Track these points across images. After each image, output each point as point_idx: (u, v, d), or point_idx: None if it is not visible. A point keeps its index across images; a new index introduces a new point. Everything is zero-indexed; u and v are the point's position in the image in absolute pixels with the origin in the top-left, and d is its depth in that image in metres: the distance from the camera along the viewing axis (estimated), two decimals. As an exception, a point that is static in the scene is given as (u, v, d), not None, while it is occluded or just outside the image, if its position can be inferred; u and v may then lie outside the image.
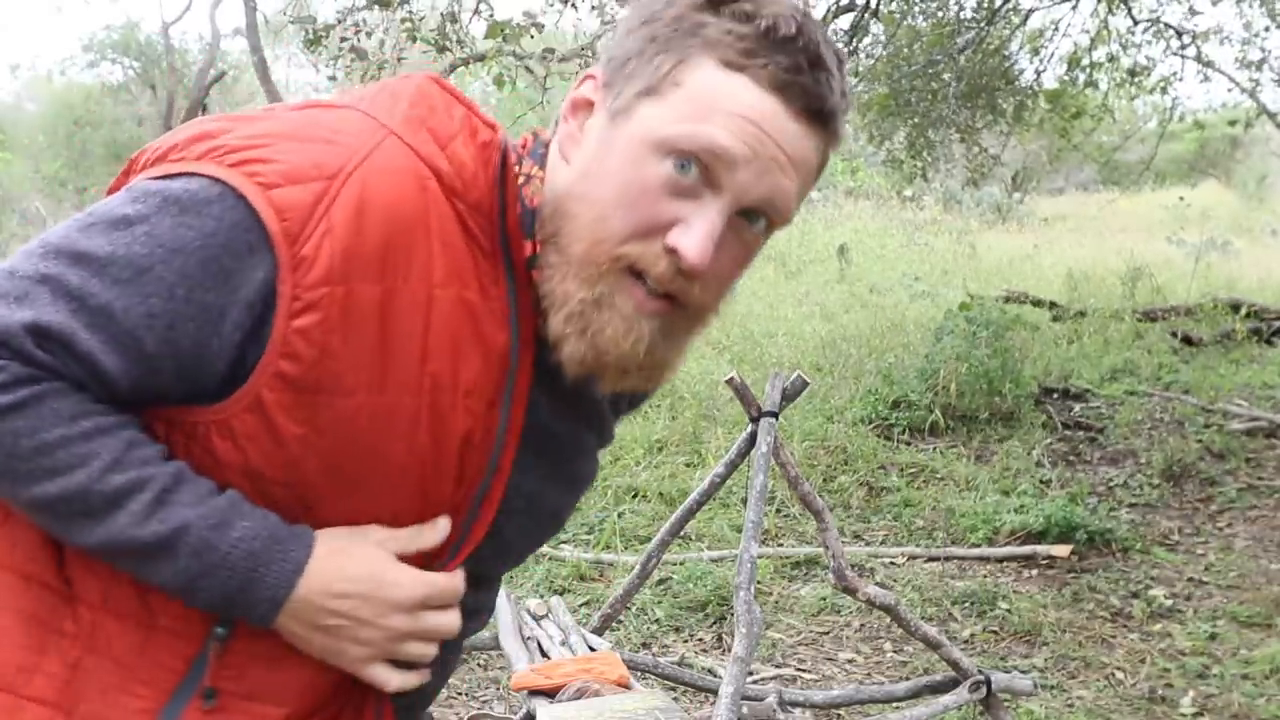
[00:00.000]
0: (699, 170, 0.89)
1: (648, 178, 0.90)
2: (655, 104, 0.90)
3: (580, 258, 0.91)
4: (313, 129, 0.93)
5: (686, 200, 0.90)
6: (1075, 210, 18.94)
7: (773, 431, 2.74)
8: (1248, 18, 8.56)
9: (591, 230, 0.91)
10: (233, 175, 0.90)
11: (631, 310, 0.92)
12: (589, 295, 0.92)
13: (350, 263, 0.89)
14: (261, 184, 0.89)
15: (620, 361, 0.94)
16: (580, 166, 0.93)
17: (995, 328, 6.66)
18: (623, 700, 2.15)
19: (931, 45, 7.51)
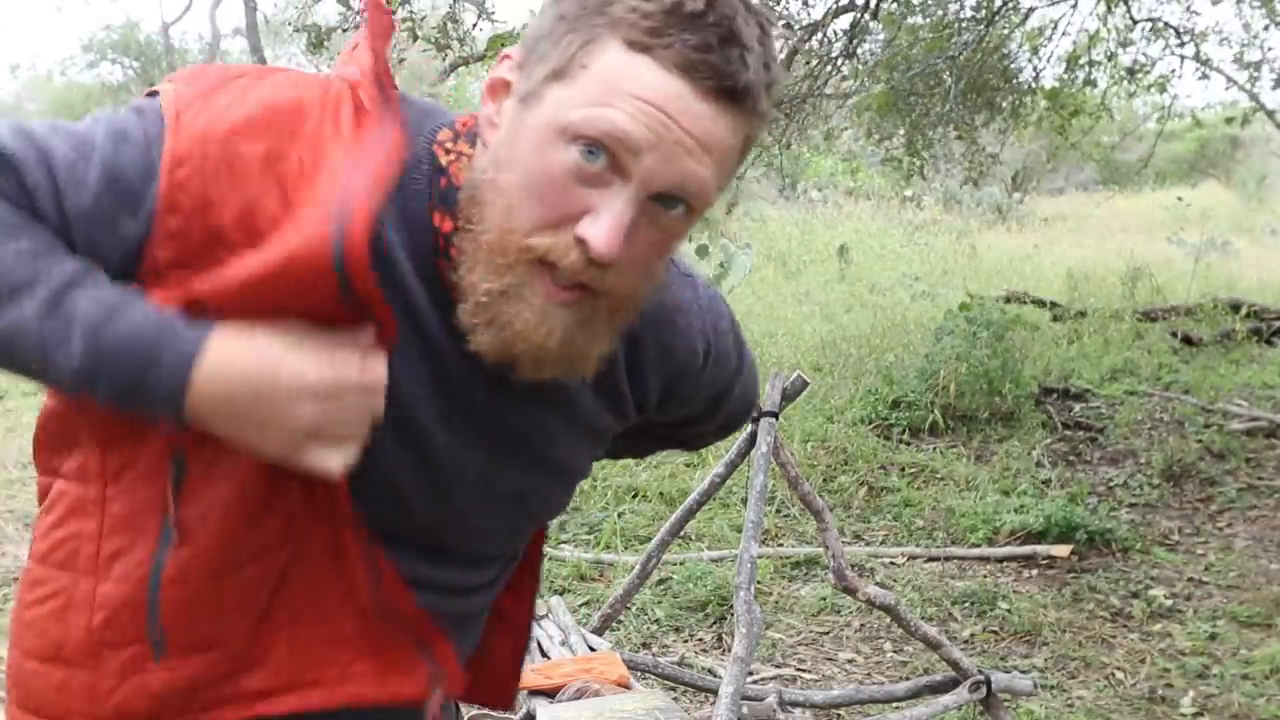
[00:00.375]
0: (606, 157, 0.87)
1: (554, 165, 0.88)
2: (563, 87, 0.88)
3: (489, 247, 0.90)
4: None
5: (595, 189, 0.88)
6: (1075, 210, 18.93)
7: (773, 431, 2.74)
8: (1247, 18, 8.57)
9: (501, 220, 0.90)
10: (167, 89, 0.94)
11: (541, 301, 0.91)
12: (497, 287, 0.91)
13: (236, 124, 0.89)
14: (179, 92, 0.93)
15: (533, 352, 0.92)
16: (493, 152, 0.91)
17: (995, 328, 6.66)
18: (623, 700, 2.15)
19: (931, 47, 7.51)
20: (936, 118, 8.02)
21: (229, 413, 0.90)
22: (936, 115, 7.96)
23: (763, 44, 0.89)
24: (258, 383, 0.89)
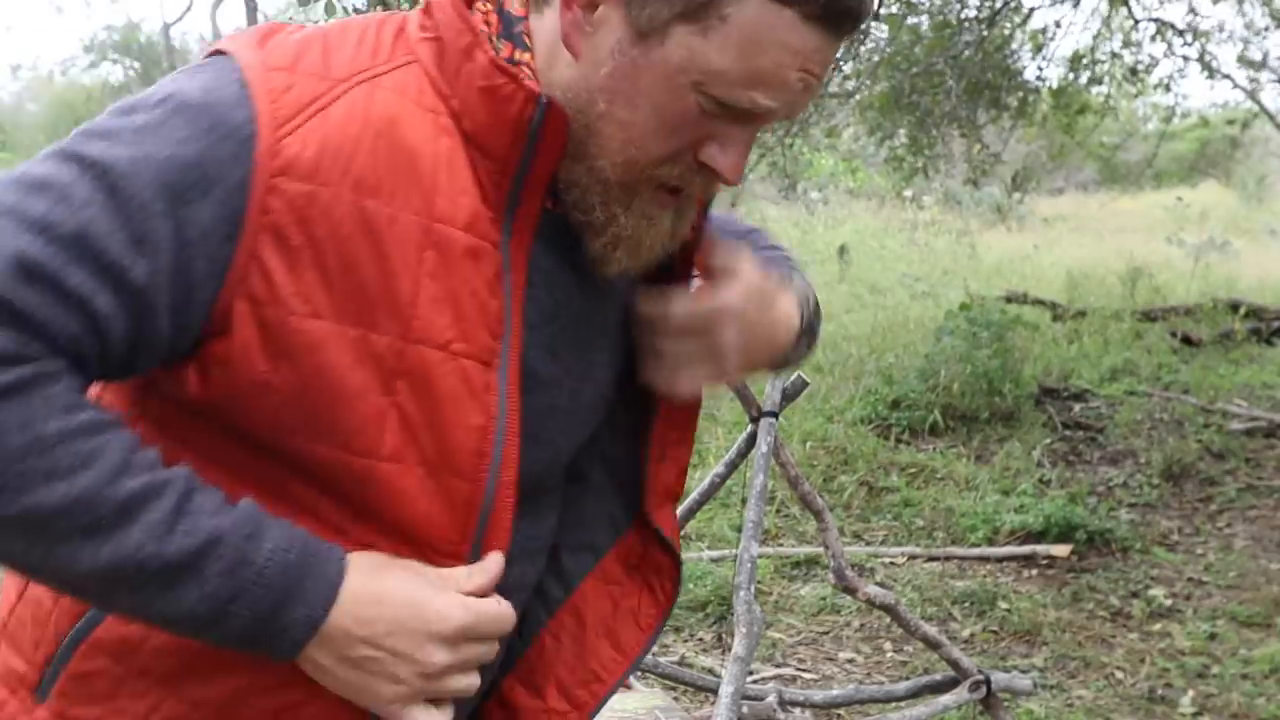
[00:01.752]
0: (739, 109, 0.87)
1: (688, 108, 0.86)
2: (695, 35, 0.84)
3: (617, 181, 0.89)
4: (345, 33, 0.91)
5: (719, 120, 0.88)
6: (1075, 210, 18.94)
7: (773, 431, 2.74)
8: (1249, 17, 8.57)
9: (624, 153, 0.88)
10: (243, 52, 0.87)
11: (667, 218, 0.93)
12: (631, 219, 0.91)
13: (335, 165, 0.83)
14: (266, 64, 0.85)
15: (653, 259, 0.94)
16: (601, 79, 0.87)
17: (995, 328, 6.66)
18: (623, 700, 2.15)
19: (933, 47, 7.51)
20: (940, 116, 8.02)
21: (354, 651, 0.83)
22: (940, 114, 7.97)
23: None
24: (399, 619, 0.84)
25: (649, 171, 0.89)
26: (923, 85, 7.61)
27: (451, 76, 0.88)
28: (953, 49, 7.40)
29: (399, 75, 0.88)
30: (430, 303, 0.85)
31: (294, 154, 0.82)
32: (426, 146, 0.86)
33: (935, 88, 7.65)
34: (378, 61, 0.88)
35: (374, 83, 0.86)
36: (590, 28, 0.87)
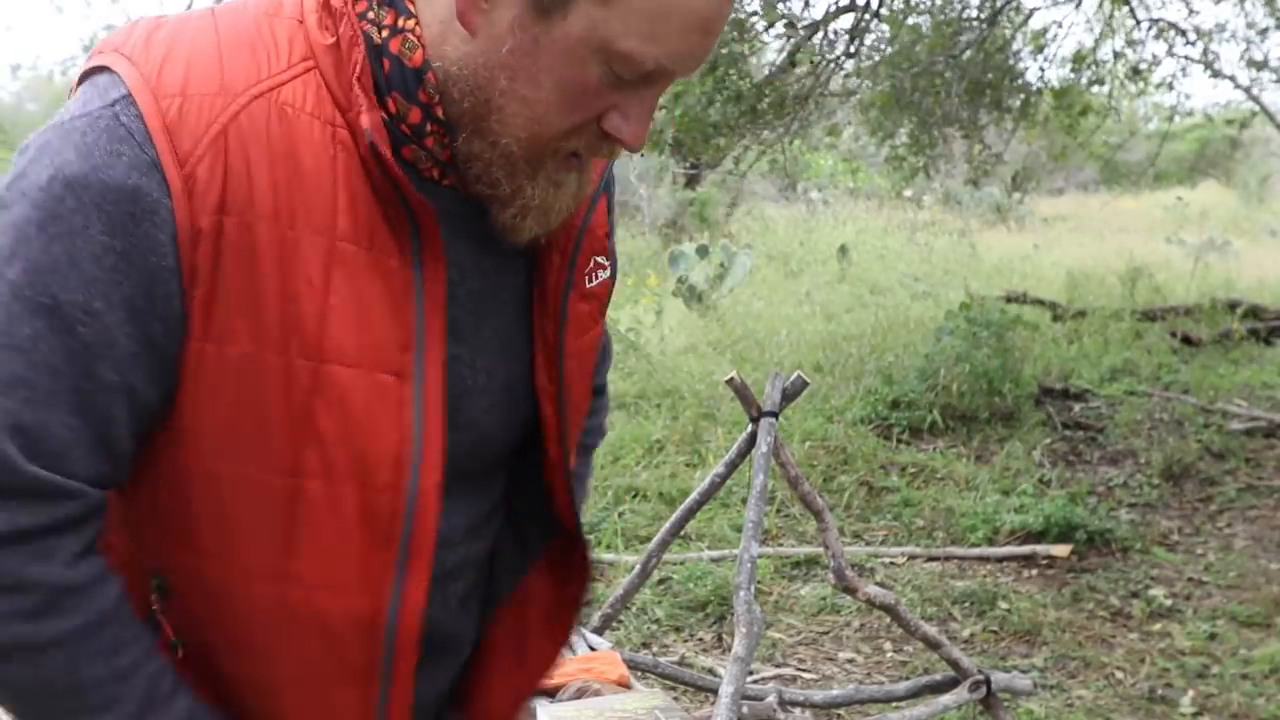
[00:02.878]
0: (639, 76, 0.87)
1: (590, 79, 0.86)
2: (597, 6, 0.83)
3: (521, 154, 0.89)
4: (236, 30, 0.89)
5: (621, 89, 0.88)
6: (1075, 210, 18.94)
7: (773, 431, 2.74)
8: (1251, 17, 8.56)
9: (528, 127, 0.88)
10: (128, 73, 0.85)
11: (573, 180, 0.94)
12: (538, 188, 0.91)
13: (237, 195, 0.84)
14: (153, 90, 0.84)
15: (565, 218, 0.96)
16: (501, 56, 0.86)
17: (995, 328, 6.66)
18: (623, 700, 2.15)
19: (934, 46, 7.51)
20: (942, 116, 8.02)
21: None
22: (942, 114, 7.97)
23: None
24: None
25: (554, 144, 0.90)
26: (924, 85, 7.61)
27: (346, 91, 0.88)
28: (954, 49, 7.40)
29: (297, 86, 0.87)
30: (339, 322, 0.87)
31: (201, 189, 0.83)
32: (325, 165, 0.86)
33: (936, 88, 7.65)
34: (274, 69, 0.87)
35: (270, 97, 0.86)
36: (486, 4, 0.85)
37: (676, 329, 8.61)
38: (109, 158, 0.82)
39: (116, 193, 0.82)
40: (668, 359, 7.45)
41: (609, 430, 5.48)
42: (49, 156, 0.83)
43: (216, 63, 0.86)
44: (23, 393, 0.81)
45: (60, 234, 0.81)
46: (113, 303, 0.82)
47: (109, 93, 0.85)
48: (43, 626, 0.83)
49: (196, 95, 0.85)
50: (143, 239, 0.82)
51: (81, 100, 0.86)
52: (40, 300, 0.81)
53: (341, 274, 0.87)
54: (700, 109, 6.71)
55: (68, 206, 0.81)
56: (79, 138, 0.83)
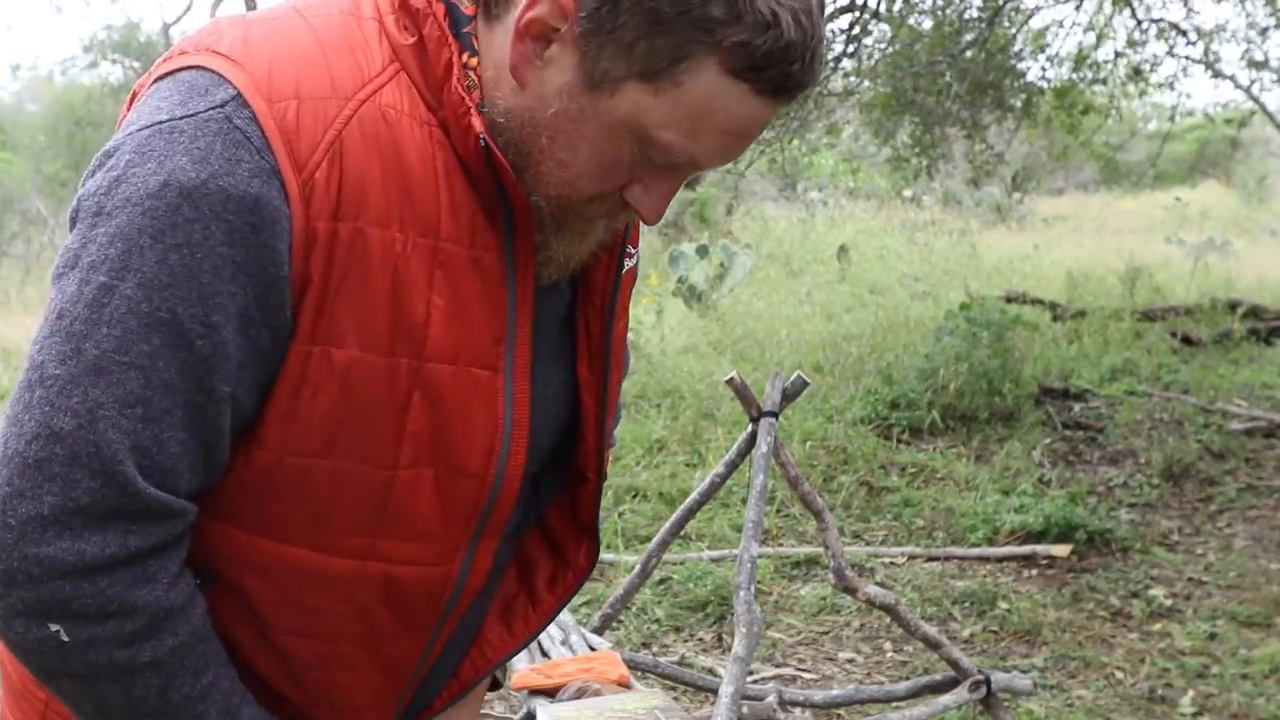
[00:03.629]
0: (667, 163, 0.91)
1: (624, 155, 0.89)
2: (647, 94, 0.85)
3: (549, 211, 0.93)
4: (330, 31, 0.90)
5: (651, 169, 0.91)
6: (1075, 210, 18.94)
7: (773, 431, 2.74)
8: (1252, 17, 8.55)
9: (559, 188, 0.91)
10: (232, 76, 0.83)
11: (597, 230, 0.97)
12: (562, 242, 0.95)
13: (352, 201, 0.85)
14: (265, 93, 0.83)
15: (584, 262, 1.00)
16: (546, 117, 0.88)
17: (995, 328, 6.65)
18: (623, 700, 2.15)
19: (934, 46, 7.51)
20: (943, 116, 8.02)
21: None
22: (943, 113, 7.97)
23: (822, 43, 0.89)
24: None
25: (578, 207, 0.93)
26: (925, 85, 7.61)
27: (436, 91, 0.89)
28: (954, 49, 7.40)
29: (393, 89, 0.88)
30: (441, 322, 0.89)
31: (318, 196, 0.83)
32: (428, 166, 0.88)
33: (937, 88, 7.65)
34: (371, 71, 0.88)
35: (375, 99, 0.87)
36: (540, 63, 0.87)
37: (676, 329, 8.61)
38: (227, 164, 0.81)
39: (238, 202, 0.80)
40: (668, 359, 7.45)
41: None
42: (155, 161, 0.81)
43: (324, 65, 0.86)
44: (140, 410, 0.80)
45: (177, 245, 0.80)
46: (229, 315, 0.82)
47: (213, 93, 0.83)
48: (142, 650, 0.84)
49: (310, 99, 0.84)
50: (262, 249, 0.82)
51: (178, 99, 0.83)
52: (159, 315, 0.80)
53: (443, 274, 0.89)
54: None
55: (185, 216, 0.80)
56: (189, 141, 0.81)
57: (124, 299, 0.79)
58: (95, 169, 0.85)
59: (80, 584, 0.80)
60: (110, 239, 0.80)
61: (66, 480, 0.79)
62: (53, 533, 0.79)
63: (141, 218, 0.80)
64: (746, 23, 0.82)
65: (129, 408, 0.80)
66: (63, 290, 0.81)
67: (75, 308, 0.80)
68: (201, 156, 0.80)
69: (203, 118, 0.81)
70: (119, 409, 0.80)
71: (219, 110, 0.82)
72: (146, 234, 0.79)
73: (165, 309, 0.80)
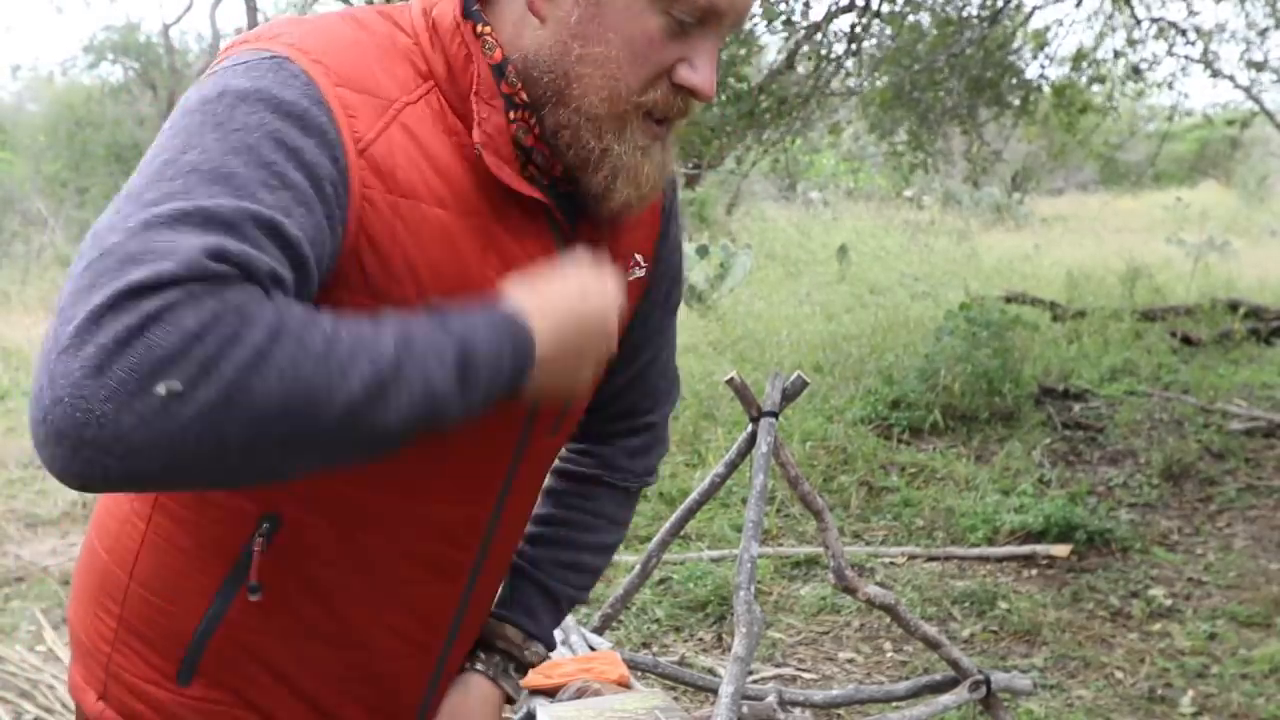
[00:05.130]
0: (698, 18, 0.96)
1: (652, 30, 0.96)
2: None
3: (605, 115, 0.98)
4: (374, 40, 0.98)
5: (685, 40, 0.97)
6: (1075, 210, 18.95)
7: (773, 431, 2.74)
8: (1251, 17, 8.55)
9: (607, 85, 0.96)
10: (294, 54, 0.91)
11: (658, 149, 1.02)
12: (625, 148, 0.99)
13: (403, 184, 0.93)
14: (324, 71, 0.91)
15: (652, 193, 1.04)
16: (571, 27, 0.96)
17: (995, 328, 6.66)
18: (623, 700, 2.15)
19: (934, 45, 7.51)
20: (941, 113, 8.02)
21: (562, 356, 0.95)
22: (941, 111, 7.97)
23: None
24: (578, 319, 0.96)
25: (633, 99, 0.98)
26: (924, 82, 7.61)
27: (464, 101, 0.98)
28: (955, 46, 7.40)
29: (425, 104, 0.97)
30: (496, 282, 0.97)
31: (373, 165, 0.91)
32: (460, 169, 0.97)
33: (936, 85, 7.65)
34: (412, 84, 0.97)
35: (412, 110, 0.96)
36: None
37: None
38: (279, 84, 0.87)
39: (289, 106, 0.87)
40: (668, 359, 7.44)
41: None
42: (211, 82, 0.87)
43: (379, 66, 0.96)
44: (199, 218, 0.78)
45: (235, 129, 0.84)
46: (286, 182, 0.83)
47: (264, 55, 0.90)
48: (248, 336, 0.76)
49: (361, 94, 0.93)
50: (312, 147, 0.86)
51: (235, 64, 0.89)
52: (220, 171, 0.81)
53: (496, 257, 0.99)
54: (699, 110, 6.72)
55: (241, 111, 0.85)
56: (245, 70, 0.88)
57: (187, 161, 0.81)
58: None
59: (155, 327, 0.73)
60: (171, 134, 0.85)
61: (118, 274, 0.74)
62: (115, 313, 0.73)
63: (200, 115, 0.85)
64: None
65: (186, 217, 0.77)
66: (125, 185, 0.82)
67: (136, 179, 0.82)
68: (256, 77, 0.87)
69: (258, 60, 0.89)
70: (175, 217, 0.78)
71: (274, 59, 0.90)
72: (207, 125, 0.84)
73: (225, 168, 0.81)
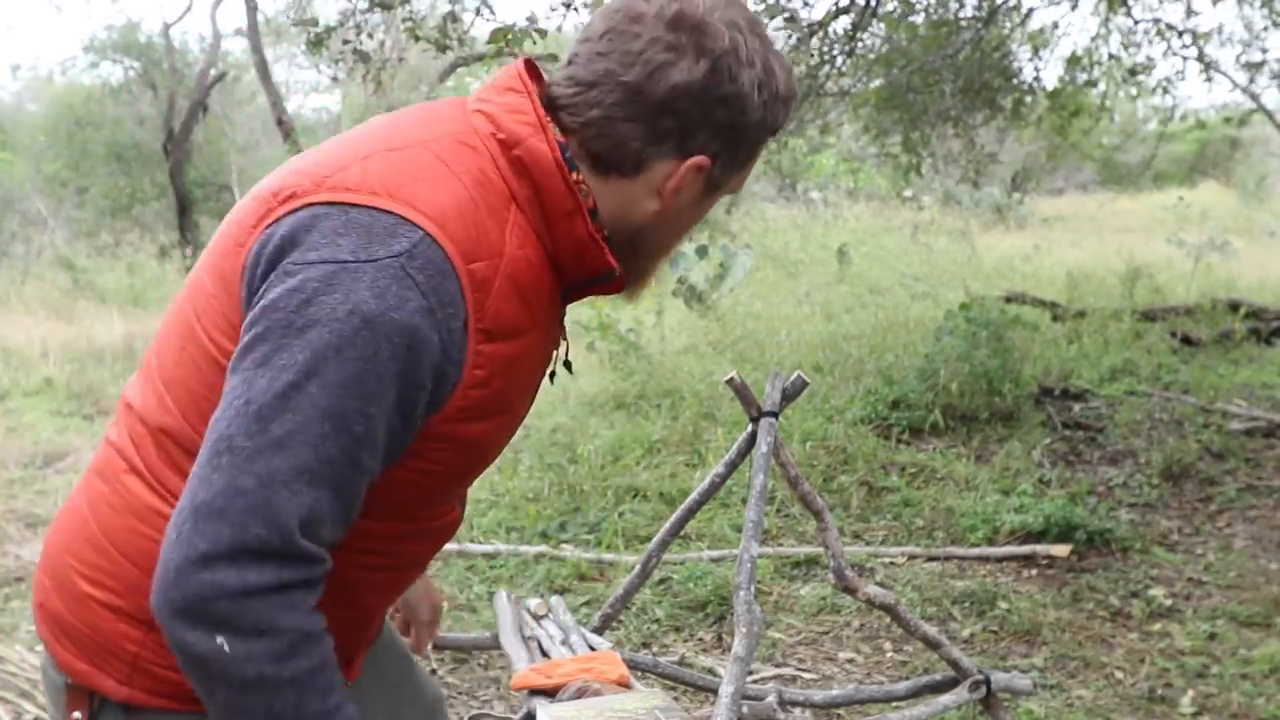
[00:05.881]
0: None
1: (706, 207, 1.33)
2: (736, 175, 1.29)
3: (659, 262, 1.35)
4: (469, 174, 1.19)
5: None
6: (1075, 210, 18.95)
7: (773, 431, 2.74)
8: (1249, 19, 8.55)
9: (669, 247, 1.35)
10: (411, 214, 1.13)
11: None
12: (654, 277, 1.38)
13: (508, 329, 1.19)
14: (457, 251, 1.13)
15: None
16: (651, 215, 1.27)
17: (995, 328, 6.66)
18: (623, 700, 2.15)
19: (929, 45, 7.50)
20: (935, 115, 8.01)
21: None
22: (935, 113, 7.96)
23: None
24: None
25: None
26: (918, 83, 7.60)
27: (553, 228, 1.21)
28: (950, 48, 7.39)
29: (514, 230, 1.18)
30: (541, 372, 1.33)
31: (489, 328, 1.17)
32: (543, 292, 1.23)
33: (931, 86, 7.64)
34: (502, 215, 1.17)
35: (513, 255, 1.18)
36: (682, 188, 1.25)
37: (676, 329, 8.61)
38: (399, 301, 1.08)
39: (402, 329, 1.08)
40: (668, 359, 7.45)
41: (610, 430, 5.44)
42: (341, 293, 1.07)
43: (487, 216, 1.16)
44: (307, 479, 1.06)
45: (355, 358, 1.07)
46: (382, 408, 1.09)
47: (390, 243, 1.10)
48: (285, 666, 1.07)
49: (484, 258, 1.15)
50: (412, 364, 1.10)
51: (359, 242, 1.10)
52: (333, 408, 1.07)
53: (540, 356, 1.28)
54: None
55: (363, 337, 1.07)
56: (370, 281, 1.08)
57: (308, 395, 1.06)
58: (276, 279, 1.10)
59: (241, 604, 1.04)
60: (300, 349, 1.06)
61: (241, 526, 1.04)
62: (224, 564, 1.04)
63: (329, 335, 1.06)
64: (779, 137, 1.35)
65: (299, 475, 1.06)
66: (250, 383, 1.06)
67: (265, 397, 1.06)
68: (380, 293, 1.07)
69: (382, 264, 1.08)
70: (291, 477, 1.05)
71: (396, 260, 1.09)
72: (331, 348, 1.06)
73: (338, 403, 1.06)
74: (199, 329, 1.18)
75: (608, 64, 1.18)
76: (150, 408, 1.21)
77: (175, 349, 1.21)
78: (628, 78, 1.17)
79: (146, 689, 1.23)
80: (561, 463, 5.57)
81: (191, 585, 1.03)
